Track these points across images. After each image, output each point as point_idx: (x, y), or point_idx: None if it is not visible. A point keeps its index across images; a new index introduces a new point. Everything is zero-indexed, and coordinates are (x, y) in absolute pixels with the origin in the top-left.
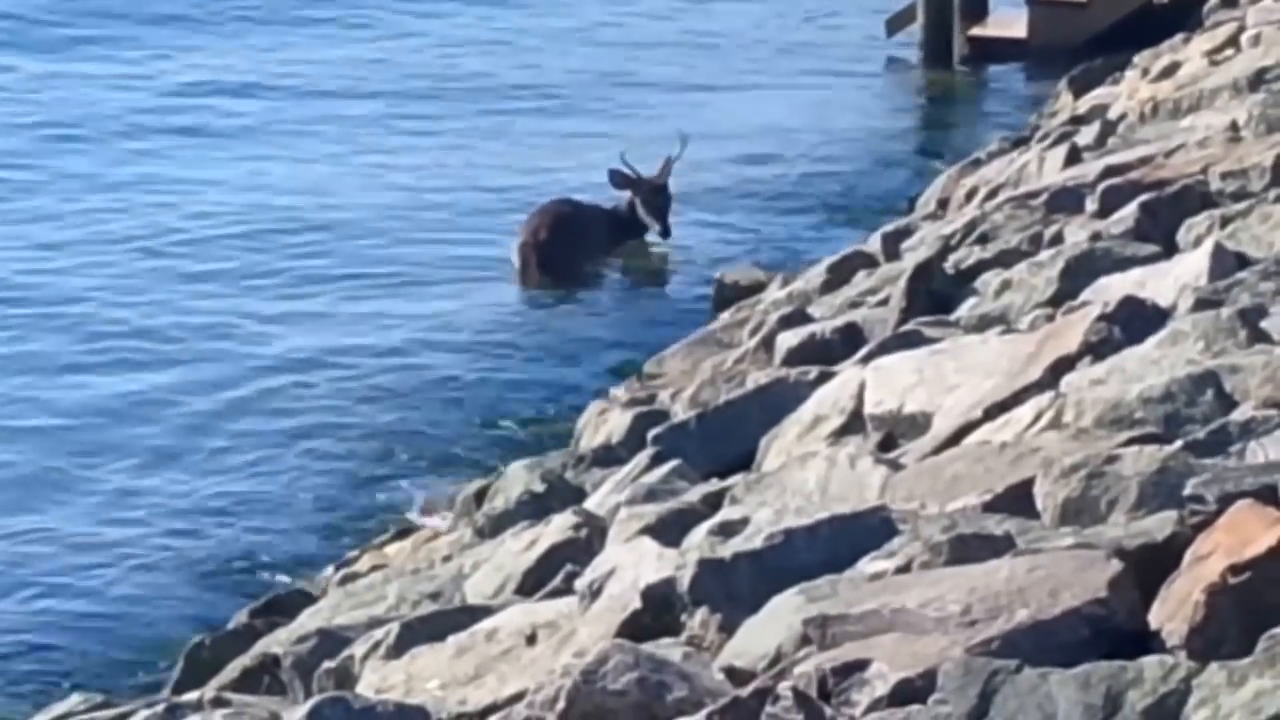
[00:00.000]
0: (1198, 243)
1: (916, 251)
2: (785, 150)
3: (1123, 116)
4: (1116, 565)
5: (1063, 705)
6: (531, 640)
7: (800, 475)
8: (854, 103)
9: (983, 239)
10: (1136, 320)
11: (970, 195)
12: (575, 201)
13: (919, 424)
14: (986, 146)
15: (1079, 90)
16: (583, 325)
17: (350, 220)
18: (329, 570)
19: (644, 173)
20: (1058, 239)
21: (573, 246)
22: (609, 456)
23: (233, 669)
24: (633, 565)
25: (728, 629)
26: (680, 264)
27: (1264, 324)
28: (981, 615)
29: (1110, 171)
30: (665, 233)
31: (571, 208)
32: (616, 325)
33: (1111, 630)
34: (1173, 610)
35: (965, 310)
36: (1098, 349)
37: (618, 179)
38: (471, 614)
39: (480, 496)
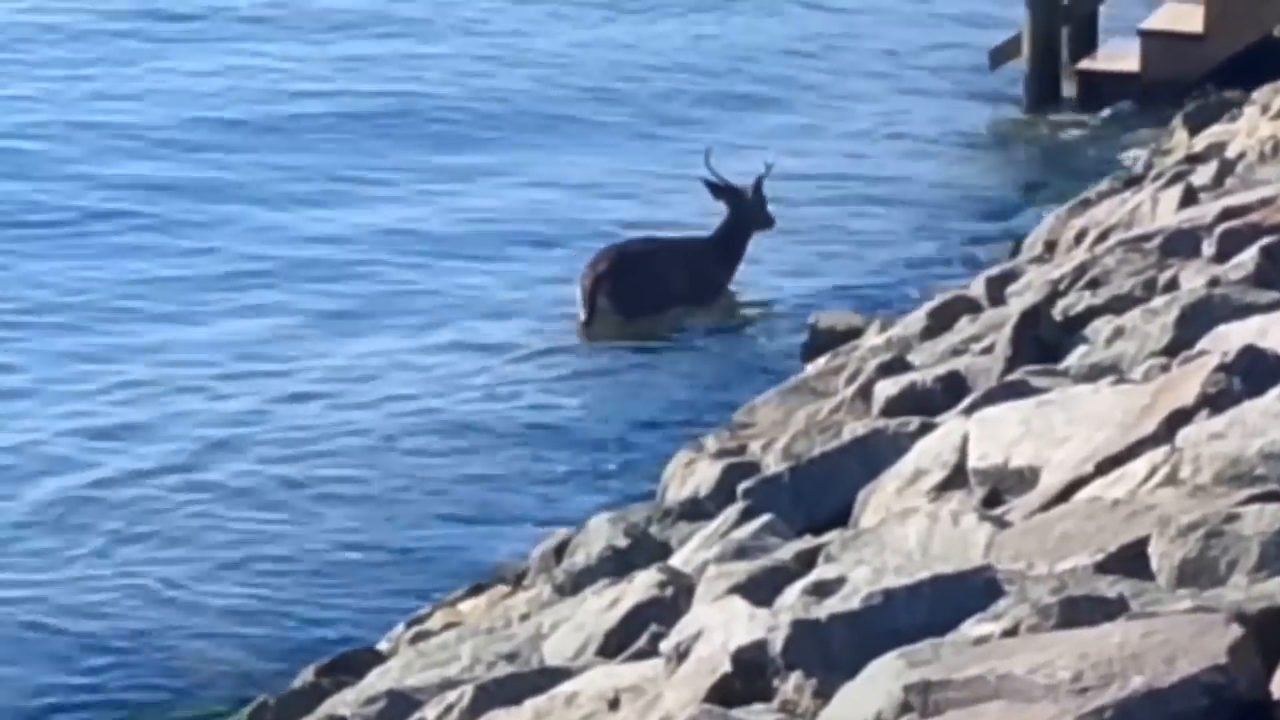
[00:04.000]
0: None
1: (1023, 296)
2: (885, 188)
3: (1241, 155)
4: (1237, 630)
5: None
6: (614, 705)
7: (900, 532)
8: (957, 139)
9: (1093, 284)
10: (1257, 371)
11: (1080, 237)
12: (649, 239)
13: (1026, 479)
14: (1097, 186)
15: (1195, 127)
16: (670, 370)
17: (428, 254)
18: (399, 628)
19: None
20: (1173, 284)
21: (642, 286)
22: (696, 510)
23: None
24: (722, 626)
25: (823, 695)
26: (774, 307)
27: None
28: (1093, 682)
29: (1228, 213)
30: (771, 221)
31: (641, 245)
32: (705, 371)
33: (1231, 700)
34: None
35: (1075, 359)
36: (1216, 401)
37: (720, 190)
38: (550, 676)
39: (560, 551)
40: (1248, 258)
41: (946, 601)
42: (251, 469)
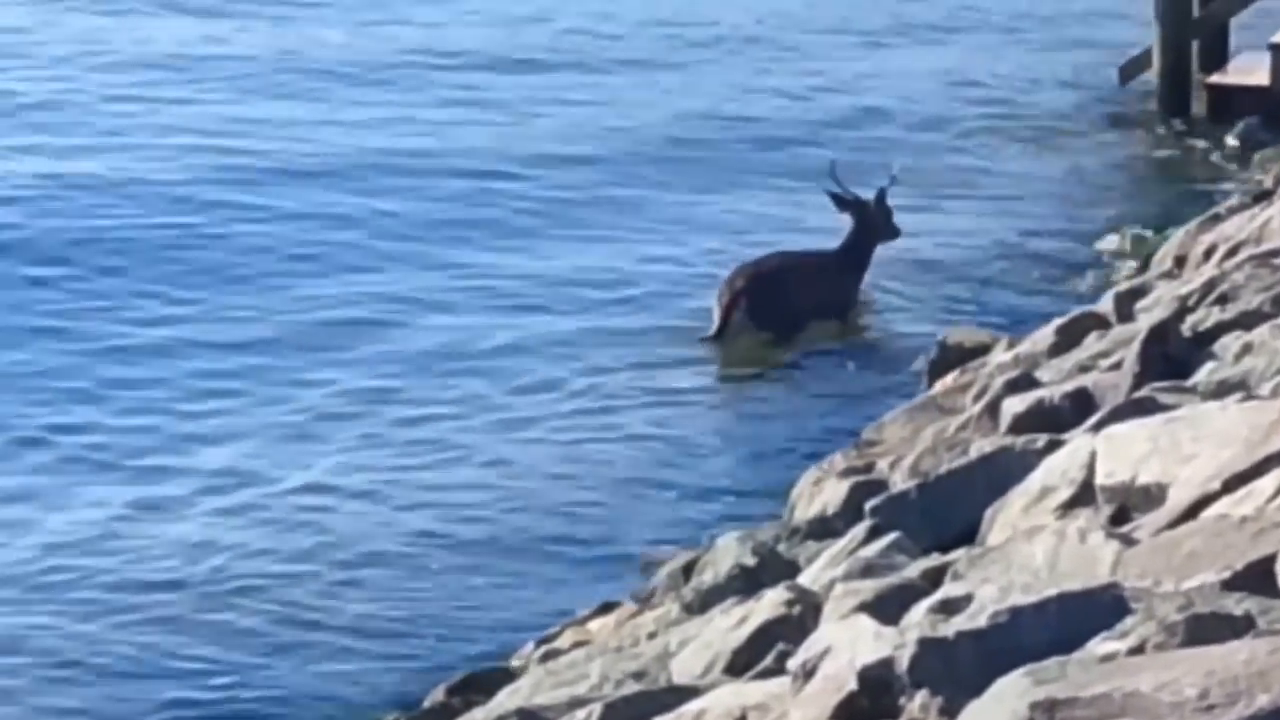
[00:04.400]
0: None
1: (1151, 312)
2: (1012, 202)
3: None
4: None
5: None
6: None
7: (1027, 550)
8: (1086, 154)
9: (1222, 300)
10: None
11: (1209, 253)
12: (782, 253)
13: (1153, 496)
14: (1226, 201)
15: None
16: (796, 388)
17: (558, 280)
18: (529, 646)
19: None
20: None
21: (778, 302)
22: (824, 528)
23: None
24: (849, 644)
25: (949, 713)
26: (900, 324)
27: None
28: (1220, 700)
29: None
30: (896, 232)
31: (776, 261)
32: (832, 389)
33: None
34: None
35: (1203, 375)
36: None
37: (844, 202)
38: (678, 694)
39: (688, 570)
40: None
41: (1073, 619)
42: (380, 487)
